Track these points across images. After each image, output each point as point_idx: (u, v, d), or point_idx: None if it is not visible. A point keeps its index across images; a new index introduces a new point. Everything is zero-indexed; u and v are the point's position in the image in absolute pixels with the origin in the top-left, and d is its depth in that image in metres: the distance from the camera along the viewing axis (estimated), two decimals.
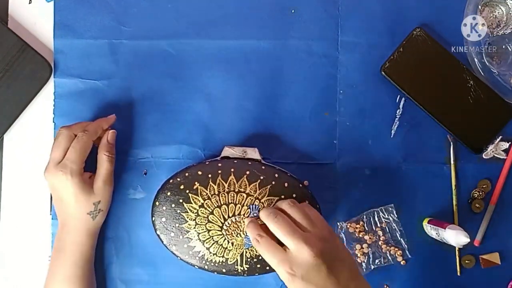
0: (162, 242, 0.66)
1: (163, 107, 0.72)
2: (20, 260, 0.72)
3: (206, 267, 0.66)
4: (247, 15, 0.72)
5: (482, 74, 0.70)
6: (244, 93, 0.72)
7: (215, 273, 0.66)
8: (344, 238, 0.70)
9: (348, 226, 0.70)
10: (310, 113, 0.72)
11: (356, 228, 0.70)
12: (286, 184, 0.66)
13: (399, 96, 0.72)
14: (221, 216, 0.64)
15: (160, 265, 0.71)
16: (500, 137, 0.71)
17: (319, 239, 0.57)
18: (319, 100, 0.72)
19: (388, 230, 0.71)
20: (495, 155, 0.71)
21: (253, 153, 0.68)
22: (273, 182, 0.65)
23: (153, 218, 0.66)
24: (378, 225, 0.71)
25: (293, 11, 0.72)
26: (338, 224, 0.71)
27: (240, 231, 0.65)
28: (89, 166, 0.67)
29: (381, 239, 0.70)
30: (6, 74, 0.71)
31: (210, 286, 0.71)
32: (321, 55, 0.72)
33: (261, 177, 0.65)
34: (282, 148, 0.71)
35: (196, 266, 0.66)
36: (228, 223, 0.65)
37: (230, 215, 0.64)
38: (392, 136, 0.72)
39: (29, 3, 0.73)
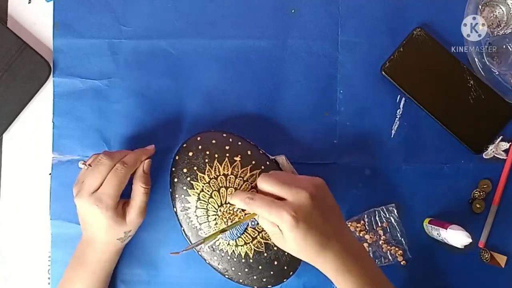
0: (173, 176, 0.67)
1: (163, 107, 0.72)
2: (20, 260, 0.72)
3: (180, 217, 0.66)
4: (247, 15, 0.72)
5: (483, 74, 0.70)
6: (244, 93, 0.72)
7: (182, 229, 0.66)
8: None
9: (348, 225, 0.70)
10: (310, 113, 0.72)
11: (357, 227, 0.70)
12: None
13: (399, 96, 0.72)
14: (226, 196, 0.65)
15: (160, 265, 0.71)
16: (501, 137, 0.70)
17: (312, 184, 0.57)
18: (319, 100, 0.72)
19: (389, 230, 0.70)
20: (496, 155, 0.71)
21: None
22: None
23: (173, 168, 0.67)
24: (379, 224, 0.70)
25: (293, 11, 0.72)
26: None
27: (231, 221, 0.64)
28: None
29: (381, 238, 0.70)
30: (5, 74, 0.70)
31: (210, 286, 0.71)
32: (321, 55, 0.72)
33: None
34: (282, 148, 0.70)
35: (174, 209, 0.66)
36: (227, 207, 0.65)
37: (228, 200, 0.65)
38: (392, 136, 0.72)
39: (29, 2, 0.73)
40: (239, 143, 0.67)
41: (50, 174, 0.72)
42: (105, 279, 0.67)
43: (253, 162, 0.66)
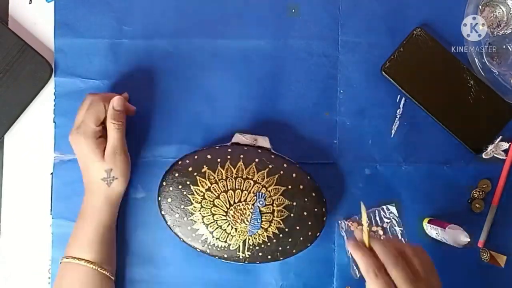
0: (166, 222, 0.67)
1: (163, 107, 0.72)
2: (20, 260, 0.72)
3: (208, 251, 0.66)
4: (247, 15, 0.72)
5: (483, 74, 0.70)
6: (244, 93, 0.72)
7: (217, 257, 0.66)
8: (345, 237, 0.70)
9: (349, 225, 0.70)
10: (310, 113, 0.72)
11: (357, 227, 0.70)
12: (294, 175, 0.66)
13: (399, 96, 0.72)
14: (227, 201, 0.65)
15: (160, 264, 0.71)
16: (500, 137, 0.71)
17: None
18: (319, 100, 0.72)
19: (389, 230, 0.71)
20: (495, 155, 0.71)
21: (264, 142, 0.68)
22: (282, 172, 0.66)
23: (159, 198, 0.67)
24: (379, 224, 0.71)
25: (293, 10, 0.72)
26: (339, 222, 0.71)
27: (245, 217, 0.65)
28: None
29: (381, 238, 0.70)
30: (7, 74, 0.71)
31: (210, 286, 0.71)
32: (321, 55, 0.72)
33: (270, 166, 0.66)
34: (282, 148, 0.70)
35: (198, 249, 0.66)
36: (233, 209, 0.65)
37: (236, 201, 0.65)
38: (392, 136, 0.72)
39: (29, 3, 0.73)
40: (221, 151, 0.67)
41: (51, 174, 0.72)
42: (104, 233, 0.66)
43: (242, 156, 0.66)
